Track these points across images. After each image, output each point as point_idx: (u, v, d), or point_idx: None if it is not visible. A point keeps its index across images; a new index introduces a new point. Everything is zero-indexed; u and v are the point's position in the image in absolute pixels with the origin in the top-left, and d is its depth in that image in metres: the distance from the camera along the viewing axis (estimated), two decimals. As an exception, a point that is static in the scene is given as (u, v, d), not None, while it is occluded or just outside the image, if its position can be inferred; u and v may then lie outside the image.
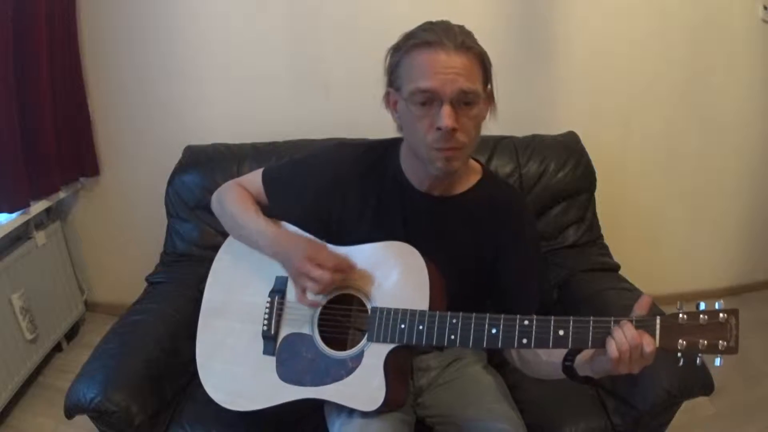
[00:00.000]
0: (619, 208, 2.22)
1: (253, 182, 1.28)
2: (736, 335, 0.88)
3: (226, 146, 1.88)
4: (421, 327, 1.04)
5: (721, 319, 0.89)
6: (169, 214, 1.85)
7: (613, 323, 0.92)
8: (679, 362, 0.91)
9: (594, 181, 1.85)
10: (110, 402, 1.22)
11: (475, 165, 1.22)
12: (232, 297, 1.24)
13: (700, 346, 0.89)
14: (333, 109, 2.09)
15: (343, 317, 1.16)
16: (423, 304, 1.06)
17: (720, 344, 0.88)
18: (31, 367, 1.99)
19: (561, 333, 0.95)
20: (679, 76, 2.16)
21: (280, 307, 1.19)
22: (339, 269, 1.10)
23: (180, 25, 2.05)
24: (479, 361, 1.32)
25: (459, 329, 1.02)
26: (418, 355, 1.26)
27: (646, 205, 2.35)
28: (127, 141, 2.22)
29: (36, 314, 2.01)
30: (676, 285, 2.41)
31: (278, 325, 1.18)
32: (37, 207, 1.98)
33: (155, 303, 1.57)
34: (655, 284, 1.02)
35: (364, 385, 1.07)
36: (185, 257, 1.80)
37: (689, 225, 2.43)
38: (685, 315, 0.90)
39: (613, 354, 0.90)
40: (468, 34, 1.04)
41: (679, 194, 2.36)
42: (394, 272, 1.11)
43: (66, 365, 2.16)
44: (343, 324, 1.16)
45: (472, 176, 1.20)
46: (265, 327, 1.18)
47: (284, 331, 1.18)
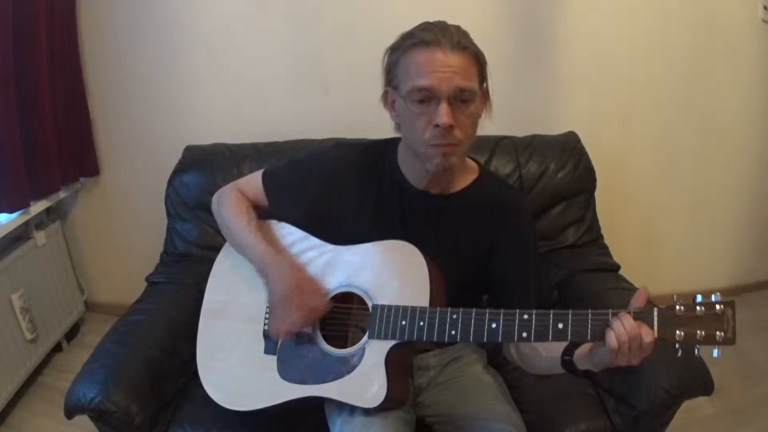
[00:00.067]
0: (619, 208, 2.22)
1: (253, 184, 1.30)
2: (734, 326, 0.89)
3: (226, 146, 1.88)
4: (421, 323, 1.05)
5: (717, 311, 0.89)
6: (169, 214, 1.85)
7: (611, 315, 0.93)
8: (677, 353, 0.91)
9: (594, 181, 1.85)
10: (110, 402, 1.22)
11: (472, 164, 1.23)
12: (232, 298, 1.24)
13: (698, 336, 0.89)
14: (333, 109, 2.09)
15: (344, 315, 1.16)
16: (423, 301, 1.07)
17: (717, 335, 0.89)
18: (31, 367, 1.99)
19: (560, 326, 0.96)
20: (679, 76, 2.16)
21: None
22: (315, 311, 1.12)
23: (180, 26, 2.05)
24: (479, 361, 1.33)
25: (459, 324, 1.02)
26: (417, 354, 1.26)
27: (646, 205, 2.35)
28: (127, 141, 2.22)
29: (36, 314, 2.01)
30: (676, 285, 2.39)
31: None
32: (37, 207, 1.98)
33: (155, 303, 1.58)
34: (655, 284, 1.02)
35: (365, 382, 1.07)
36: (185, 257, 1.80)
37: (689, 225, 2.42)
38: (682, 306, 0.91)
39: (613, 345, 0.90)
40: (464, 34, 1.05)
41: (679, 194, 2.36)
42: (395, 270, 1.12)
43: (66, 365, 2.16)
44: (344, 322, 1.17)
45: (470, 174, 1.21)
46: (266, 326, 1.19)
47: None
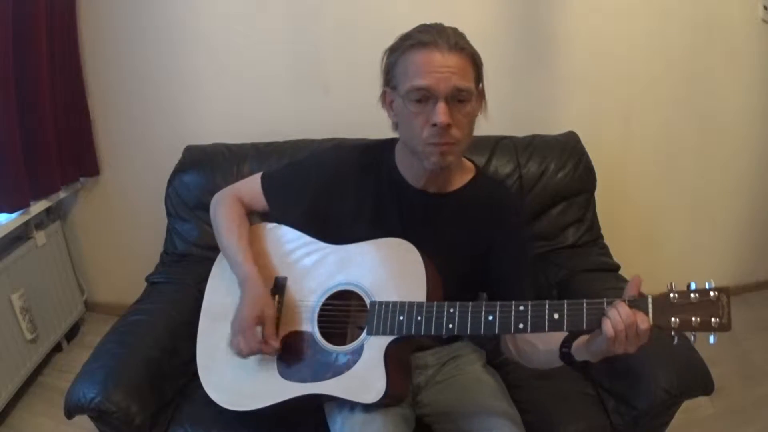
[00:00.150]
0: (619, 208, 2.22)
1: (252, 187, 1.31)
2: (728, 312, 0.89)
3: (226, 146, 1.88)
4: (419, 318, 1.06)
5: (712, 297, 0.89)
6: (169, 214, 1.85)
7: (606, 304, 0.94)
8: (673, 341, 0.92)
9: (594, 181, 1.85)
10: (110, 402, 1.22)
11: (468, 164, 1.25)
12: (232, 299, 1.24)
13: (693, 323, 0.90)
14: (333, 109, 2.09)
15: (343, 313, 1.17)
16: (420, 298, 1.08)
17: (713, 321, 0.89)
18: (31, 367, 1.99)
19: (556, 316, 0.96)
20: (679, 76, 2.16)
21: (280, 306, 1.19)
22: (254, 352, 1.13)
23: (180, 26, 2.05)
24: (478, 360, 1.33)
25: (456, 318, 1.03)
26: (416, 353, 1.26)
27: (646, 205, 2.35)
28: (127, 141, 2.22)
29: (36, 314, 2.01)
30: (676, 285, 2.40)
31: (278, 324, 1.18)
32: (37, 207, 1.98)
33: (155, 303, 1.58)
34: (655, 284, 1.02)
35: (365, 378, 1.08)
36: (185, 257, 1.80)
37: (689, 225, 2.42)
38: (677, 294, 0.91)
39: (609, 333, 0.91)
40: (461, 36, 1.07)
41: (679, 194, 2.36)
42: (392, 268, 1.13)
43: (66, 365, 2.16)
44: (343, 320, 1.18)
45: (466, 174, 1.23)
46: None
47: (284, 329, 1.18)
